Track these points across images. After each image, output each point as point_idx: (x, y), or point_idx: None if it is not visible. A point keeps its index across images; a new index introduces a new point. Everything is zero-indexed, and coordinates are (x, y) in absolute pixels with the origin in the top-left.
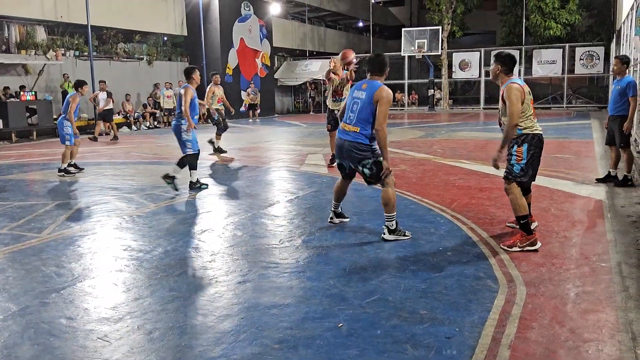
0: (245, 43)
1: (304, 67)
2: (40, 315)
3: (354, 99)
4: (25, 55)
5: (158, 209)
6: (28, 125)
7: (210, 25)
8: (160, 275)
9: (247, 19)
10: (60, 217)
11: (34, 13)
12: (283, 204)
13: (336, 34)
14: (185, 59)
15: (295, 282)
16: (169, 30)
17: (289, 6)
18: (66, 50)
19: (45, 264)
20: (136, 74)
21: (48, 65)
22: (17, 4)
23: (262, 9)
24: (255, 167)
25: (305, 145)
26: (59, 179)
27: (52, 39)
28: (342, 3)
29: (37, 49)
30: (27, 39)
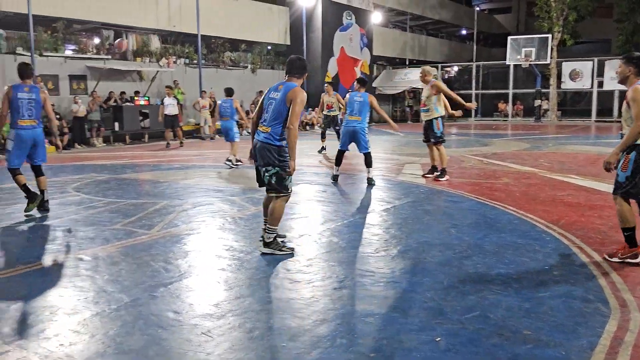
0: (345, 52)
1: (403, 76)
2: (150, 307)
3: (270, 99)
4: (140, 63)
5: (258, 211)
6: (141, 128)
7: (312, 35)
8: (260, 276)
9: (349, 27)
10: (168, 216)
11: (150, 23)
12: (379, 212)
13: (437, 42)
14: None
15: (391, 292)
16: (273, 39)
17: (390, 15)
18: (177, 58)
19: (154, 259)
20: (241, 82)
21: (160, 72)
22: (136, 15)
23: (363, 18)
24: (352, 175)
25: (402, 154)
26: (168, 179)
27: (165, 47)
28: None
29: (151, 56)
30: (142, 48)
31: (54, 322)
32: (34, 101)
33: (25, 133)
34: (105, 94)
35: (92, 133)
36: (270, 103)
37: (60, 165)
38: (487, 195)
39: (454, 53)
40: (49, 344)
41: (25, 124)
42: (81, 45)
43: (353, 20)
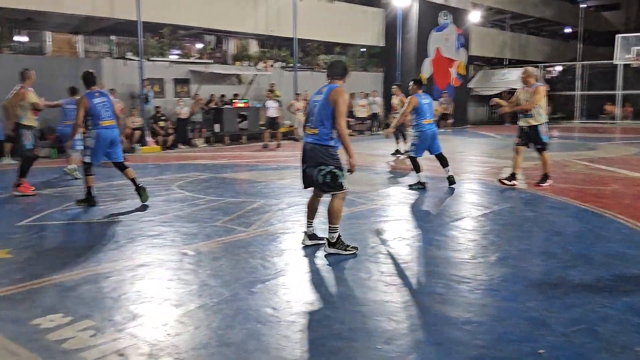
0: (440, 52)
1: (501, 76)
2: (248, 302)
3: (314, 102)
4: (239, 66)
5: (352, 213)
6: (239, 130)
7: (407, 35)
8: (354, 277)
9: (445, 27)
10: (265, 214)
11: (249, 28)
12: (475, 218)
13: (539, 41)
14: (380, 69)
15: (489, 300)
16: (367, 41)
17: (489, 14)
18: (274, 61)
19: (252, 256)
20: None
21: (258, 76)
22: (236, 20)
23: (460, 17)
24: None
25: (499, 157)
26: (265, 179)
27: (263, 51)
28: (547, 9)
29: (250, 60)
30: (241, 52)
31: (161, 313)
32: (108, 103)
33: (106, 132)
34: (206, 96)
35: (194, 134)
36: (315, 105)
37: (166, 164)
38: (593, 202)
39: (557, 52)
40: (157, 333)
41: (106, 124)
42: (185, 50)
43: (449, 20)
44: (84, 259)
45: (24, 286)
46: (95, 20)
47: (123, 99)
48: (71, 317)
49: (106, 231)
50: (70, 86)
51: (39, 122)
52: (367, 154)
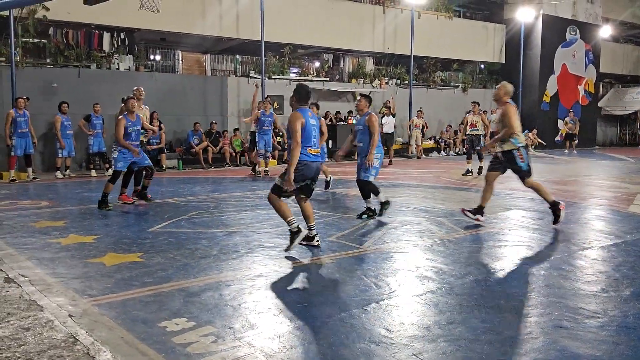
0: (567, 69)
1: (635, 95)
2: (362, 320)
3: (313, 126)
4: (355, 84)
5: (468, 235)
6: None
7: (530, 52)
8: (471, 303)
9: (572, 43)
10: (377, 232)
11: (366, 46)
12: (606, 247)
13: None
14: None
15: (623, 339)
16: (487, 57)
17: (622, 29)
18: (389, 79)
19: (365, 274)
20: (451, 101)
21: (373, 93)
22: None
23: (590, 33)
24: (572, 203)
25: (632, 183)
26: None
27: (378, 69)
28: None
29: (365, 78)
30: (357, 69)
31: (277, 324)
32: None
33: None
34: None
35: None
36: (314, 129)
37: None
38: None
39: None
40: (273, 344)
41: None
42: (303, 69)
43: (577, 35)
44: (208, 267)
45: (153, 289)
46: (222, 41)
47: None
48: (194, 322)
49: (228, 241)
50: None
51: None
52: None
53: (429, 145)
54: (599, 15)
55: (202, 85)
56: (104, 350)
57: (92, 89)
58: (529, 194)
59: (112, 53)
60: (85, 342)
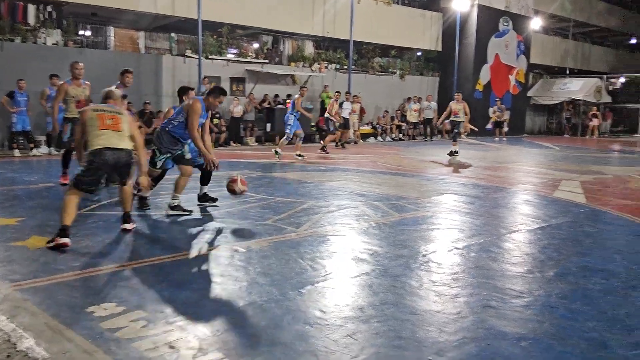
0: (500, 59)
1: (562, 86)
2: (297, 303)
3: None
4: (294, 67)
5: (402, 219)
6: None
7: (465, 41)
8: (404, 284)
9: (505, 34)
10: (315, 216)
11: (306, 29)
12: (532, 230)
13: (603, 51)
14: (437, 74)
15: (547, 318)
16: (424, 45)
17: (552, 21)
18: (329, 63)
19: (301, 257)
20: (389, 88)
21: (312, 77)
22: (293, 21)
23: (522, 24)
24: (502, 189)
25: (558, 169)
26: (314, 180)
27: (318, 53)
28: (613, 18)
29: (305, 61)
30: (297, 53)
31: (211, 308)
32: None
33: None
34: (260, 96)
35: (246, 132)
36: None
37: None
38: None
39: (621, 63)
40: (206, 327)
41: None
42: (242, 50)
43: (510, 26)
44: (142, 250)
45: (81, 273)
46: (157, 18)
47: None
48: (124, 306)
49: (161, 225)
50: None
51: None
52: (419, 159)
53: (367, 130)
54: (530, 8)
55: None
56: (26, 337)
57: (17, 64)
58: (462, 179)
59: (38, 27)
60: (5, 329)
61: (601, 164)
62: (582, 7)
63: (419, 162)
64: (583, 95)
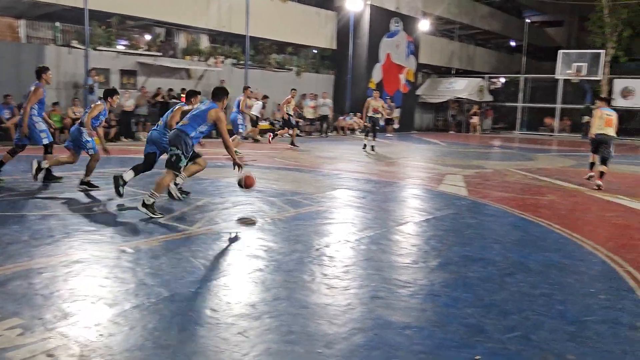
0: (391, 58)
1: (448, 85)
2: (188, 303)
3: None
4: (189, 61)
5: (297, 214)
6: None
7: (359, 40)
8: (297, 279)
9: (396, 34)
10: (210, 213)
11: (200, 23)
12: (419, 223)
13: (486, 52)
14: (332, 72)
15: (429, 306)
16: (320, 43)
17: (439, 23)
18: (225, 58)
19: (194, 255)
20: (285, 84)
21: (208, 71)
22: (187, 14)
23: (411, 25)
24: (392, 183)
25: (443, 164)
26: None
27: (214, 47)
28: (495, 22)
29: (200, 55)
30: (191, 46)
31: (95, 312)
32: None
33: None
34: (153, 89)
35: (139, 127)
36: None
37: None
38: (532, 212)
39: (502, 64)
40: (89, 333)
41: None
42: (133, 41)
43: (400, 27)
44: (16, 253)
45: None
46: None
47: (66, 89)
48: None
49: (41, 225)
50: None
51: None
52: (315, 155)
53: (264, 126)
54: (419, 9)
55: (15, 54)
56: None
57: None
58: (355, 174)
59: None
60: None
61: (482, 159)
62: (467, 10)
63: (315, 158)
64: (467, 94)
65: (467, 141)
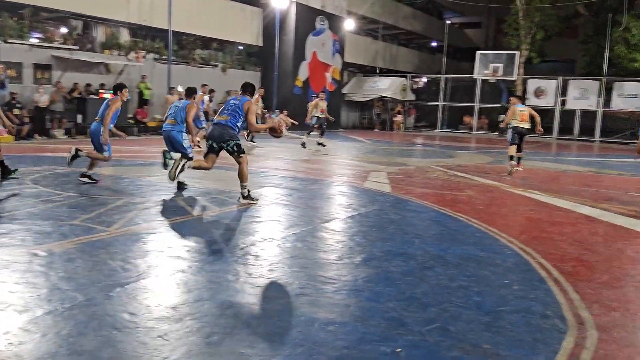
0: (317, 56)
1: (372, 84)
2: (105, 307)
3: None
4: (108, 55)
5: (222, 213)
6: None
7: (285, 37)
8: (220, 279)
9: (322, 32)
10: (129, 213)
11: (120, 16)
12: (344, 219)
13: (408, 52)
14: (258, 68)
15: (353, 301)
16: (245, 39)
17: (363, 22)
18: (146, 52)
19: (112, 257)
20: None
21: (128, 66)
22: (106, 6)
23: (336, 24)
24: (318, 180)
25: (368, 162)
26: (131, 175)
27: (135, 41)
28: (417, 22)
29: (120, 50)
30: (111, 40)
31: (3, 320)
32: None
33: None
34: (70, 85)
35: (54, 124)
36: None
37: (19, 155)
38: (451, 207)
39: (424, 64)
40: None
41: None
42: (48, 34)
43: (326, 25)
44: None
45: None
46: None
47: None
48: None
49: None
50: None
51: None
52: None
53: None
54: (344, 9)
55: None
56: None
57: None
58: (282, 172)
59: None
60: None
61: (405, 156)
62: (390, 10)
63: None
64: (391, 93)
65: (391, 139)
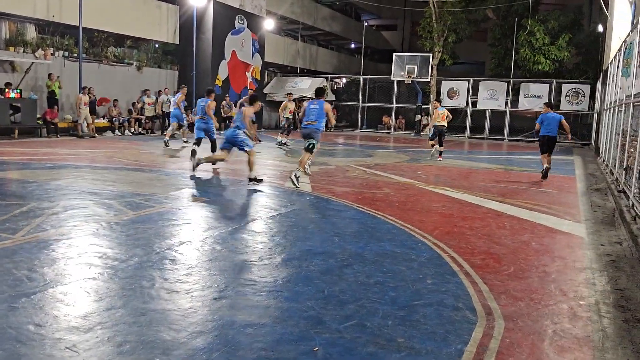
0: (236, 56)
1: (293, 84)
2: (8, 319)
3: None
4: (14, 53)
5: (137, 217)
6: (10, 123)
7: (203, 36)
8: (134, 286)
9: (241, 32)
10: (36, 219)
11: (25, 11)
12: (264, 220)
13: (328, 53)
14: (176, 67)
15: (272, 302)
16: (161, 37)
17: (282, 22)
18: (55, 50)
19: (17, 266)
20: (124, 79)
21: (36, 64)
22: (9, 0)
23: (256, 23)
24: (238, 181)
25: (289, 162)
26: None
27: (42, 38)
28: (335, 24)
29: (26, 47)
30: (16, 36)
31: None
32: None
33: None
34: None
35: None
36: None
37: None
38: (369, 205)
39: (343, 65)
40: None
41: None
42: None
43: (245, 24)
44: None
45: None
46: None
47: None
48: None
49: None
50: None
51: None
52: (158, 154)
53: (103, 124)
54: (263, 8)
55: None
56: None
57: None
58: (201, 173)
59: None
60: None
61: (326, 156)
62: (309, 11)
63: (157, 157)
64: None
65: None
